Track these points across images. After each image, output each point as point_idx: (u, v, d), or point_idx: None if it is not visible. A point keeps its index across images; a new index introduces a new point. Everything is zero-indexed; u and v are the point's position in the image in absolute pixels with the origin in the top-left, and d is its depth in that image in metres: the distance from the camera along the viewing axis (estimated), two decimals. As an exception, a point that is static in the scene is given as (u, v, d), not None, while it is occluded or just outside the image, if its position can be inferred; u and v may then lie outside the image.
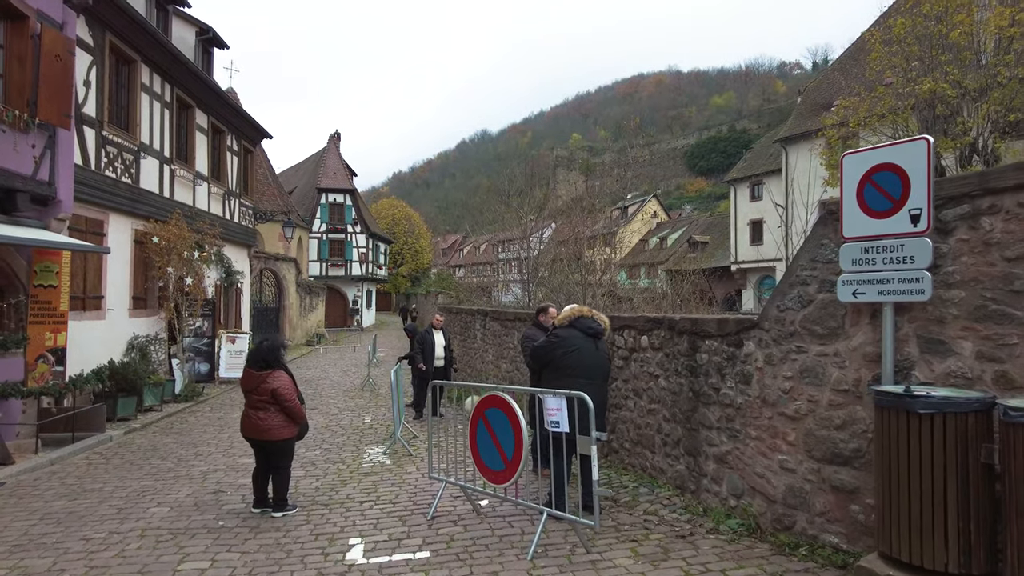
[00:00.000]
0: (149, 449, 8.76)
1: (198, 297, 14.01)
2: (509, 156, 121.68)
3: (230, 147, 17.85)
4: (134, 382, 10.89)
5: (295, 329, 28.68)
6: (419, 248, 56.97)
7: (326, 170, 40.40)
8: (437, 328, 10.96)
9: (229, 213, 17.84)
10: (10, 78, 8.44)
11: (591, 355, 5.21)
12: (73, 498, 6.30)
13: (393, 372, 8.54)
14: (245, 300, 20.19)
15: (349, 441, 9.11)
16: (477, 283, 35.59)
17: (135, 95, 12.32)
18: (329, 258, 39.26)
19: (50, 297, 9.35)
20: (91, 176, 10.76)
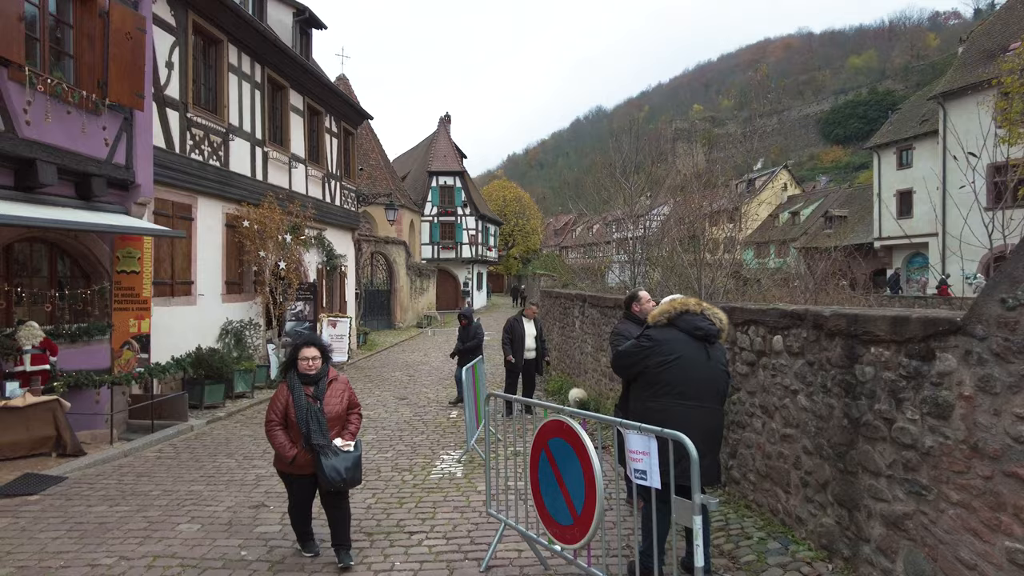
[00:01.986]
0: (222, 442, 8.30)
1: (293, 281, 13.74)
2: (624, 131, 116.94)
3: (328, 128, 17.56)
4: (221, 369, 10.63)
5: (406, 311, 28.73)
6: (529, 229, 56.09)
7: (436, 153, 40.31)
8: (529, 318, 9.77)
9: (329, 196, 17.60)
10: (80, 58, 8.13)
11: (700, 367, 3.74)
12: (115, 503, 5.77)
13: (466, 369, 7.46)
14: (349, 284, 20.07)
15: (427, 441, 8.18)
16: (583, 264, 34.00)
17: (222, 76, 12.03)
18: (440, 241, 39.25)
19: (133, 283, 9.12)
20: (175, 159, 10.52)
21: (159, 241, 10.17)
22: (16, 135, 7.01)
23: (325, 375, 4.35)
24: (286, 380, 4.34)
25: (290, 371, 4.34)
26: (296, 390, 4.23)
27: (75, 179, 8.12)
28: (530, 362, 9.68)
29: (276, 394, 4.33)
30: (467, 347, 10.41)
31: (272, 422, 4.28)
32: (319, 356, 4.34)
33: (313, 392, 4.25)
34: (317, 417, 4.16)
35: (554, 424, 3.54)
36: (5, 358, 7.23)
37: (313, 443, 4.11)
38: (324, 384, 4.32)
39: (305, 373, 4.28)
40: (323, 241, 16.87)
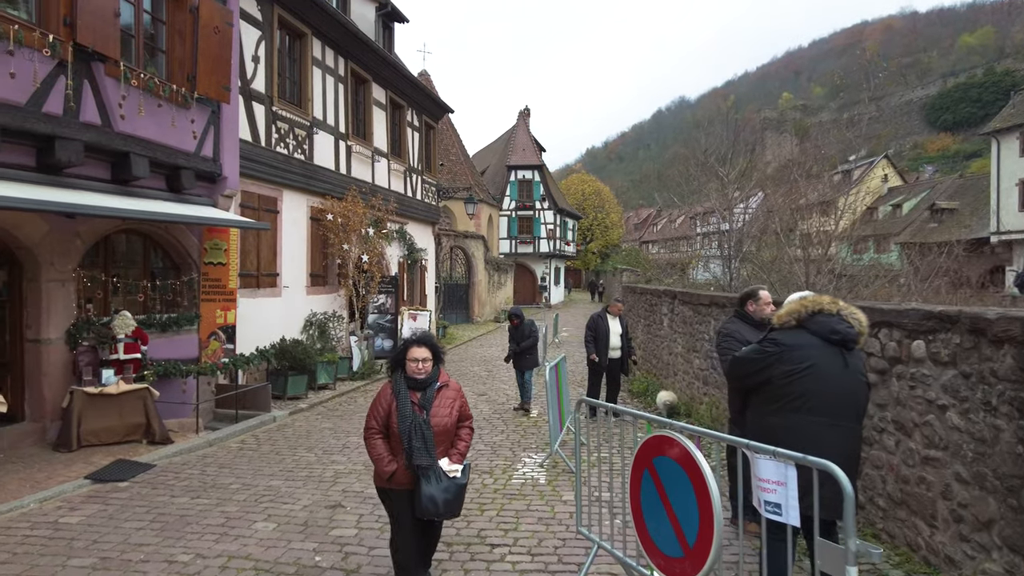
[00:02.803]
0: (303, 435, 8.27)
1: (376, 274, 13.77)
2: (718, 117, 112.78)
3: (410, 123, 17.56)
4: (304, 360, 10.70)
5: (483, 306, 28.68)
6: (609, 223, 54.99)
7: (515, 147, 40.09)
8: (614, 315, 9.23)
9: (411, 190, 17.62)
10: (172, 54, 8.26)
11: (836, 377, 3.15)
12: (197, 495, 5.73)
13: (549, 369, 7.04)
14: (430, 277, 20.11)
15: (507, 441, 7.84)
16: (669, 260, 32.85)
17: (306, 70, 12.11)
18: (518, 235, 39.04)
19: (219, 275, 9.25)
20: (261, 152, 10.64)
21: (245, 233, 10.31)
22: (112, 129, 7.14)
23: (435, 380, 3.68)
24: (391, 381, 3.70)
25: (396, 372, 3.69)
26: (402, 396, 3.56)
27: (165, 172, 8.26)
28: (615, 362, 9.15)
29: (378, 397, 3.68)
30: (523, 348, 9.87)
31: (371, 429, 3.63)
32: (430, 358, 3.65)
33: (420, 399, 3.60)
34: (422, 431, 3.49)
35: (661, 441, 3.06)
36: (102, 346, 7.41)
37: (415, 463, 3.47)
38: (432, 391, 3.65)
39: (413, 377, 3.62)
40: (404, 235, 16.91)
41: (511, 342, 10.06)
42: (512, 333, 10.04)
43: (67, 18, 6.48)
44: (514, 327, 10.01)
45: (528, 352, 9.91)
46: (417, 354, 3.63)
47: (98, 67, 6.90)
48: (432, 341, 3.75)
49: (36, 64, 6.15)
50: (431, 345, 3.71)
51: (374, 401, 3.69)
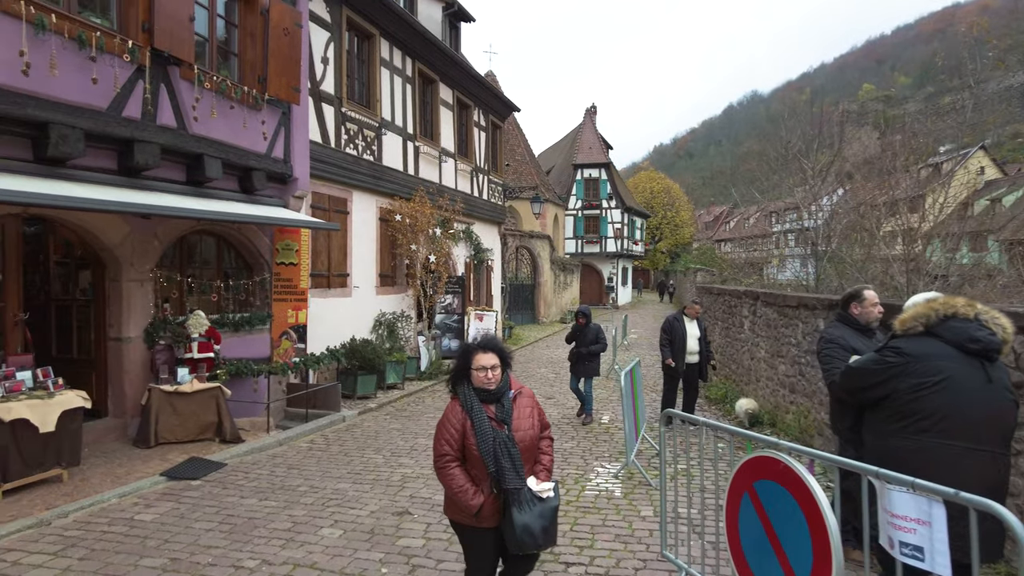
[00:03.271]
0: (371, 435, 8.20)
1: (443, 274, 13.71)
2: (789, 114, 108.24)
3: (477, 122, 17.46)
4: (373, 360, 10.70)
5: (549, 306, 28.38)
6: (678, 222, 53.63)
7: (581, 145, 39.59)
8: (691, 317, 8.73)
9: (477, 190, 17.52)
10: (243, 56, 8.37)
11: (976, 394, 2.68)
12: (265, 496, 5.69)
13: (624, 374, 6.66)
14: (495, 277, 19.98)
15: (578, 449, 7.51)
16: (748, 259, 31.54)
17: (375, 71, 12.14)
18: (584, 235, 38.52)
19: (291, 275, 9.34)
20: (331, 154, 10.71)
21: (316, 234, 10.40)
22: (187, 131, 7.26)
23: (508, 389, 3.17)
24: (456, 397, 3.15)
25: (461, 384, 3.15)
26: (476, 412, 3.03)
27: (238, 173, 8.37)
28: (692, 367, 8.66)
29: (445, 418, 3.12)
30: (592, 351, 9.00)
31: (445, 456, 3.05)
32: (499, 364, 3.14)
33: (496, 413, 3.09)
34: (508, 449, 2.97)
35: (764, 463, 2.68)
36: (177, 345, 7.55)
37: (508, 487, 2.93)
38: (509, 402, 3.14)
39: (483, 388, 3.12)
40: (471, 235, 16.82)
41: (575, 344, 9.22)
42: (575, 333, 9.26)
43: (145, 24, 6.61)
44: (579, 326, 9.23)
45: (591, 359, 9.09)
46: (484, 361, 3.11)
47: (173, 71, 7.02)
48: (498, 345, 3.23)
49: (116, 69, 6.28)
50: (498, 349, 3.19)
51: (441, 423, 3.13)
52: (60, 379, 5.99)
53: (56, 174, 6.06)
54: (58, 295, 7.83)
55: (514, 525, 2.90)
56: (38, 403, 5.58)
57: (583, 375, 9.12)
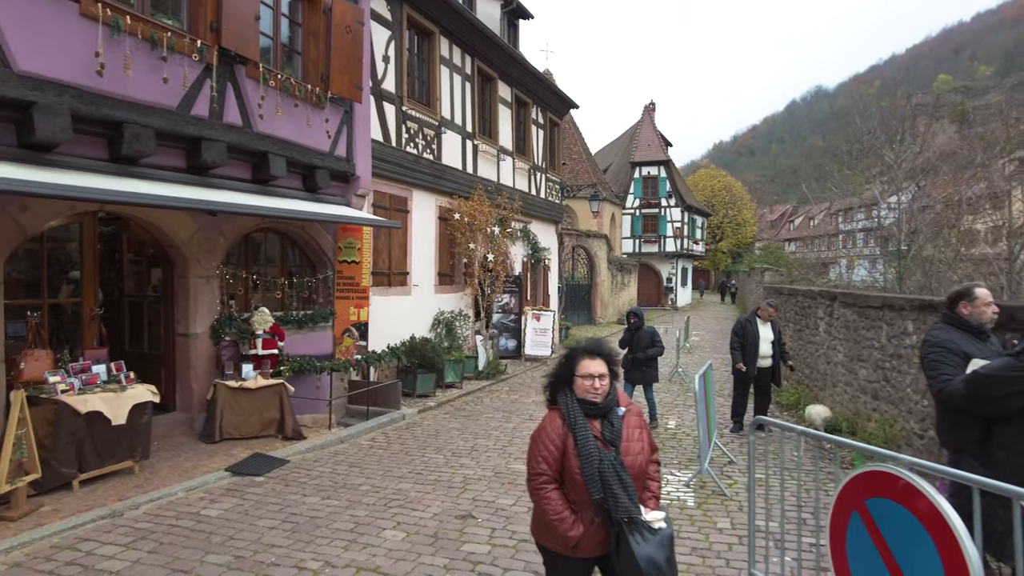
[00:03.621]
0: (431, 434, 8.11)
1: (501, 273, 13.57)
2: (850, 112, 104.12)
3: (535, 120, 17.26)
4: (433, 359, 10.64)
5: (606, 307, 27.95)
6: (741, 220, 52.08)
7: (639, 143, 38.90)
8: (764, 320, 8.28)
9: (535, 189, 17.33)
10: (307, 55, 8.42)
11: None
12: (327, 495, 5.64)
13: (698, 377, 6.32)
14: (552, 277, 19.74)
15: (643, 454, 7.20)
16: (815, 259, 30.31)
17: (434, 69, 12.10)
18: (642, 234, 37.81)
19: (353, 273, 9.36)
20: (392, 152, 10.71)
21: (377, 232, 10.42)
22: (252, 130, 7.33)
23: (615, 403, 2.72)
24: (555, 407, 2.73)
25: (562, 393, 2.73)
26: (580, 428, 2.60)
27: (301, 171, 8.42)
28: (764, 371, 8.22)
29: (541, 432, 2.69)
30: (648, 355, 8.38)
31: (541, 476, 2.62)
32: (607, 373, 2.69)
33: (604, 431, 2.64)
34: (619, 474, 2.54)
35: (879, 478, 2.37)
36: (242, 342, 7.64)
37: (620, 517, 2.51)
38: (618, 420, 2.68)
39: (589, 400, 2.66)
40: (528, 234, 16.64)
41: (627, 348, 8.57)
42: (628, 337, 8.65)
43: (213, 23, 6.69)
44: (632, 327, 8.64)
45: (648, 364, 8.46)
46: (591, 368, 2.66)
47: (239, 69, 7.09)
48: (608, 350, 2.75)
49: (185, 69, 6.37)
50: (607, 356, 2.72)
51: (538, 437, 2.69)
52: (132, 373, 6.11)
53: (129, 172, 6.18)
54: (131, 292, 8.06)
55: (636, 559, 2.46)
56: (111, 396, 5.69)
57: (640, 382, 8.55)
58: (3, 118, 5.24)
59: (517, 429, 8.39)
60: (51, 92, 5.31)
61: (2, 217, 5.47)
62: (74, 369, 5.74)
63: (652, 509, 2.65)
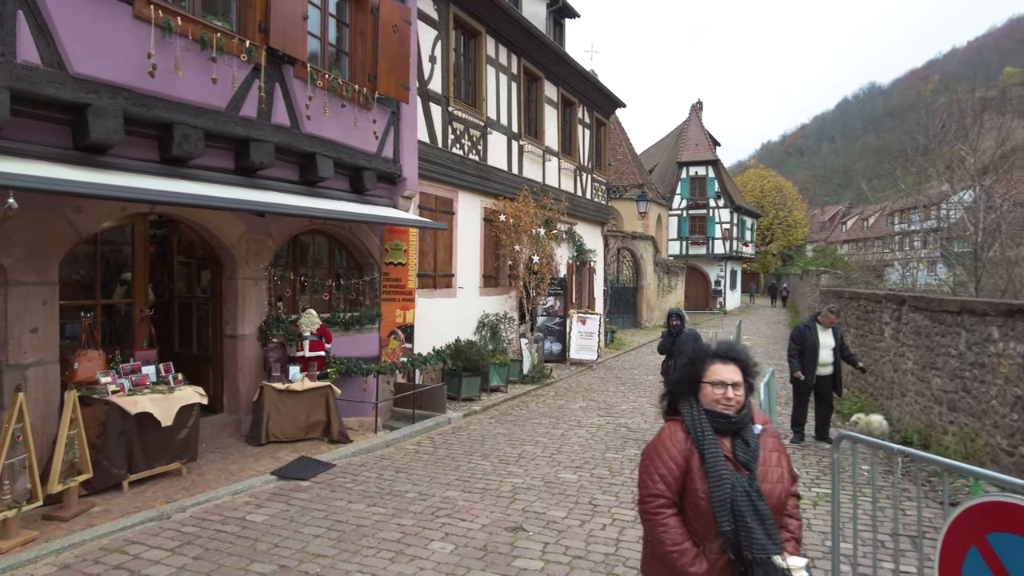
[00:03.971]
0: (477, 439, 7.93)
1: (546, 276, 13.34)
2: (906, 108, 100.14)
3: (581, 119, 16.99)
4: (477, 362, 10.48)
5: (652, 310, 27.42)
6: (791, 222, 50.57)
7: (687, 142, 38.14)
8: (825, 326, 7.83)
9: (581, 189, 17.05)
10: (354, 55, 8.36)
11: None
12: (373, 502, 5.50)
13: (763, 385, 5.97)
14: (598, 279, 19.41)
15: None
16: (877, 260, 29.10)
17: (480, 69, 11.96)
18: (689, 236, 37.03)
19: (399, 275, 9.28)
20: (439, 154, 10.60)
21: (423, 234, 10.33)
22: (300, 130, 7.29)
23: (750, 419, 2.30)
24: (678, 419, 2.32)
25: (686, 402, 2.32)
26: (710, 446, 2.19)
27: (349, 173, 8.37)
28: (824, 379, 7.77)
29: (660, 444, 2.28)
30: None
31: (657, 497, 2.22)
32: (742, 382, 2.29)
33: (736, 451, 2.22)
34: (755, 503, 2.12)
35: (1005, 511, 2.06)
36: (289, 343, 7.60)
37: (754, 556, 2.07)
38: (754, 439, 2.26)
39: (720, 412, 2.25)
40: (574, 235, 16.36)
41: (666, 354, 8.11)
42: (668, 341, 8.12)
43: (262, 23, 6.66)
44: (674, 330, 8.13)
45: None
46: (723, 374, 2.26)
47: (287, 70, 7.05)
48: (744, 355, 2.34)
49: (234, 69, 6.34)
50: (743, 361, 2.31)
51: (653, 451, 2.27)
52: (180, 375, 6.10)
53: (178, 174, 6.19)
54: (181, 293, 8.13)
55: None
56: (160, 397, 5.69)
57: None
58: (59, 120, 5.28)
59: (565, 436, 8.14)
60: (105, 94, 5.33)
61: (57, 219, 5.52)
62: (124, 370, 5.76)
63: (791, 553, 2.17)
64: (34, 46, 4.89)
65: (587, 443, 7.79)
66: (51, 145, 5.27)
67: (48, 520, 4.81)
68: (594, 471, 6.60)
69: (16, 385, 4.70)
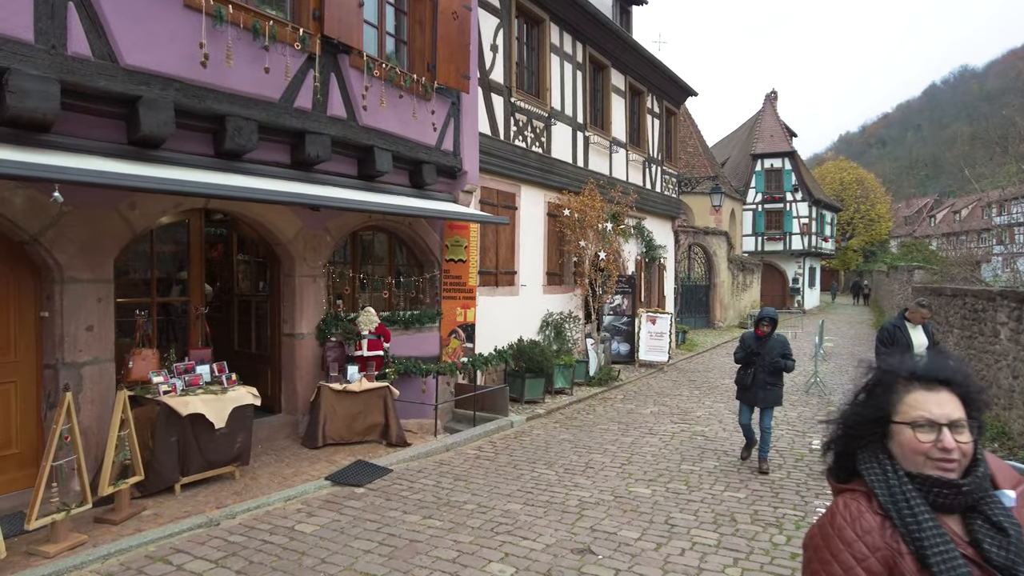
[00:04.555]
0: (541, 446, 7.48)
1: (613, 273, 12.74)
2: (1004, 92, 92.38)
3: (650, 109, 16.26)
4: (541, 363, 10.02)
5: (726, 309, 26.21)
6: (874, 216, 47.61)
7: (761, 133, 36.39)
8: (915, 323, 6.95)
9: (650, 182, 16.32)
10: (412, 44, 8.06)
11: None
12: (429, 514, 5.14)
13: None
14: (668, 277, 18.61)
15: (790, 482, 6.19)
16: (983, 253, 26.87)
17: (544, 58, 11.50)
18: (765, 231, 35.29)
19: (460, 272, 8.95)
20: (500, 146, 10.21)
21: (484, 230, 9.97)
22: (357, 123, 7.04)
23: (988, 480, 1.38)
24: (860, 490, 1.41)
25: (868, 458, 1.42)
26: (931, 538, 1.29)
27: (408, 167, 8.08)
28: None
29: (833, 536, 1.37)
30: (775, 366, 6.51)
31: None
32: (964, 420, 1.37)
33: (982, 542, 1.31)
34: None
35: None
36: (347, 342, 7.37)
37: None
38: (1007, 516, 1.33)
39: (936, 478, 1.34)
40: (643, 230, 15.67)
41: (744, 366, 6.74)
42: (749, 345, 6.69)
43: (316, 11, 6.43)
44: (760, 338, 6.63)
45: (773, 379, 6.53)
46: (933, 408, 1.37)
47: (343, 59, 6.80)
48: (963, 375, 1.43)
49: (288, 59, 6.12)
50: (963, 385, 1.41)
51: (823, 549, 1.38)
52: (234, 375, 5.92)
53: (233, 168, 6.02)
54: (241, 292, 8.04)
55: None
56: (212, 398, 5.51)
57: (760, 405, 6.58)
58: (111, 114, 5.16)
59: (636, 444, 7.58)
60: (156, 86, 5.18)
61: (111, 215, 5.43)
62: (178, 369, 5.62)
63: None
64: (85, 38, 4.77)
65: (660, 453, 7.21)
66: (104, 140, 5.15)
67: (100, 523, 4.68)
68: (669, 485, 6.03)
69: (64, 384, 4.59)
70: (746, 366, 6.71)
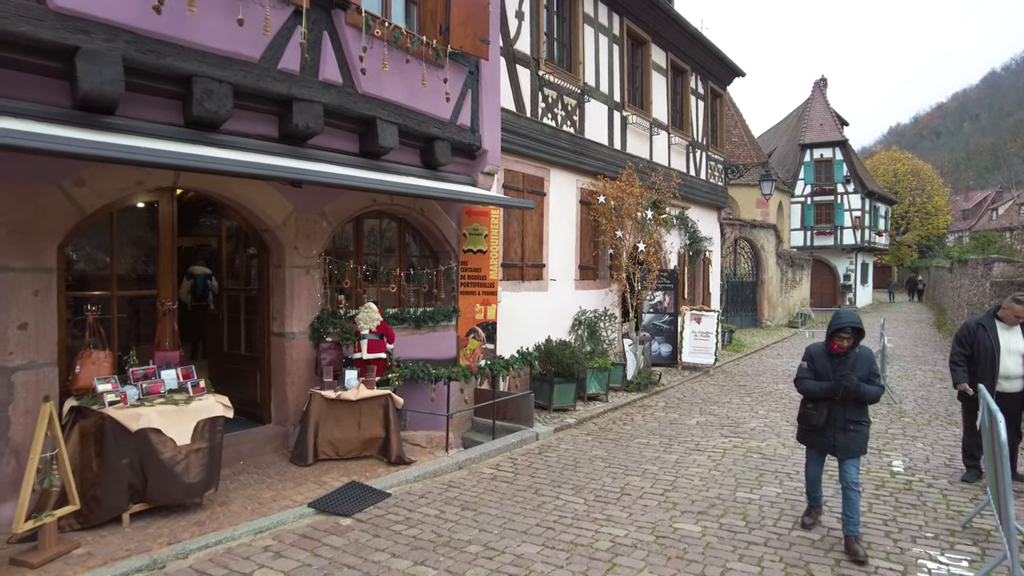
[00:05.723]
0: (569, 464, 6.43)
1: (653, 267, 11.57)
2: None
3: (694, 90, 14.98)
4: (571, 366, 8.94)
5: (774, 307, 24.63)
6: (931, 209, 44.82)
7: (810, 122, 34.43)
8: (1010, 323, 5.68)
9: (694, 168, 15.06)
10: (423, 3, 7.10)
11: None
12: (422, 558, 4.15)
13: (983, 407, 4.05)
14: (714, 271, 17.28)
15: (871, 515, 5.00)
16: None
17: (576, 28, 10.40)
18: (814, 225, 33.36)
19: (480, 264, 7.98)
20: (527, 124, 9.18)
21: (508, 219, 8.97)
22: (355, 90, 6.10)
23: None
24: None
25: None
26: None
27: (418, 144, 7.13)
28: (1011, 396, 5.62)
29: None
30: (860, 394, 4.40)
31: None
32: None
33: None
34: None
35: None
36: (345, 343, 6.45)
37: None
38: None
39: None
40: (686, 221, 14.44)
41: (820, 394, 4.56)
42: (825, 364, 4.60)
43: (303, -44, 5.50)
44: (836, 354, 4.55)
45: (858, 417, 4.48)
46: None
47: (338, 15, 5.87)
48: None
49: (267, 10, 5.20)
50: None
51: None
52: (202, 381, 5.03)
53: (206, 139, 5.15)
54: (229, 286, 7.19)
55: None
56: (172, 409, 4.62)
57: (840, 453, 4.48)
58: (45, 70, 4.32)
59: (681, 463, 6.47)
60: (99, 35, 4.32)
61: (52, 192, 4.59)
62: (135, 375, 4.76)
63: None
64: (2, -27, 3.93)
65: (710, 475, 6.08)
66: (38, 101, 4.32)
67: (15, 566, 3.82)
68: (723, 520, 4.92)
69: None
70: (817, 399, 4.65)
